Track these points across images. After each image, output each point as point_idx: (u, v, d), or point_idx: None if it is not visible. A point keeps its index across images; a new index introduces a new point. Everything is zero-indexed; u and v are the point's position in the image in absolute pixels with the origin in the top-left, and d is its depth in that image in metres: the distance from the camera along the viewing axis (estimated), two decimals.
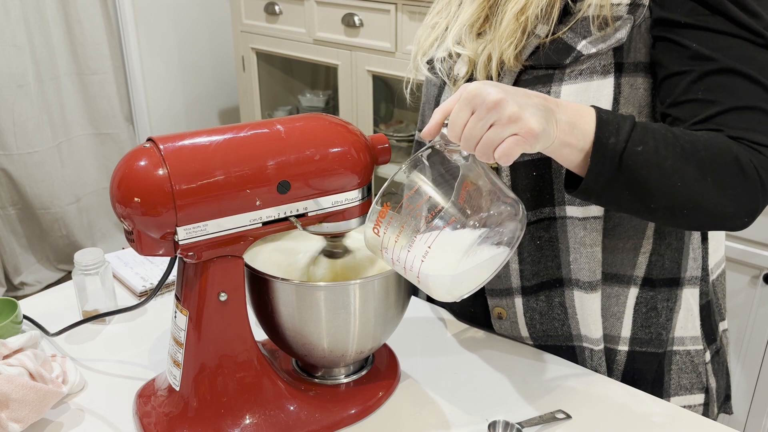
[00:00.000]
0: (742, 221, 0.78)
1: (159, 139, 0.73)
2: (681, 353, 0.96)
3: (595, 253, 0.89)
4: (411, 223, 0.72)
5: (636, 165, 0.74)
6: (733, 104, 0.77)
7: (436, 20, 1.00)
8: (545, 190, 0.89)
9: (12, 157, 2.70)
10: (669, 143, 0.75)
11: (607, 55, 0.83)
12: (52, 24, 2.68)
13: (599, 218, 0.88)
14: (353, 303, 0.80)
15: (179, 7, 3.10)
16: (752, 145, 0.76)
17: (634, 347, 0.94)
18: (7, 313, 0.99)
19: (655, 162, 0.74)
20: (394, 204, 0.73)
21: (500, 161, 0.70)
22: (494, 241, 0.74)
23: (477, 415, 0.85)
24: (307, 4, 2.52)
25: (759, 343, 1.69)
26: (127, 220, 0.71)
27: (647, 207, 0.77)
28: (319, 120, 0.80)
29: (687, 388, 0.97)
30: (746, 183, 0.75)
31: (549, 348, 0.97)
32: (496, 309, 0.97)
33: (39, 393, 0.81)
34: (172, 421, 0.80)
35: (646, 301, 0.93)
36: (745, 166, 0.75)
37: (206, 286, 0.76)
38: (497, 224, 0.73)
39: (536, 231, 0.91)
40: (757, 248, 1.64)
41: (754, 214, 0.78)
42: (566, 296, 0.92)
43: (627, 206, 0.78)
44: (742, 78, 0.77)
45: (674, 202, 0.75)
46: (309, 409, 0.84)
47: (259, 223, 0.76)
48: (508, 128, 0.68)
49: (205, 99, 3.32)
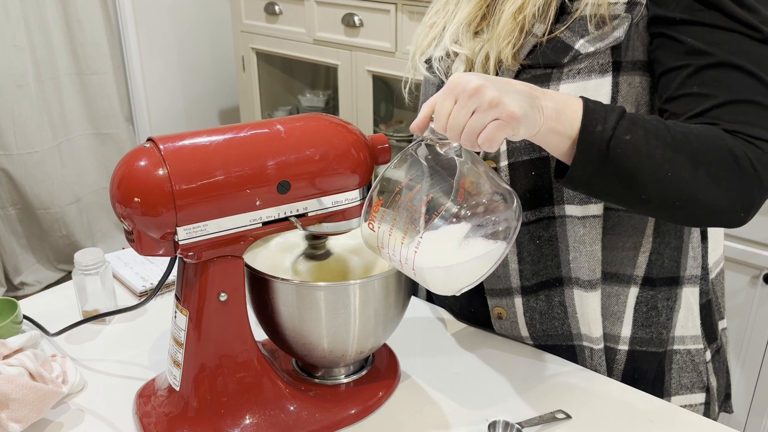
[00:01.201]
0: (739, 216, 0.77)
1: (159, 139, 0.73)
2: (681, 352, 0.96)
3: (594, 252, 0.89)
4: (403, 216, 0.72)
5: (624, 153, 0.73)
6: (728, 98, 0.76)
7: (434, 20, 1.00)
8: (544, 189, 0.89)
9: (12, 157, 2.70)
10: (660, 133, 0.74)
11: (604, 54, 0.83)
12: (52, 24, 2.68)
13: (599, 217, 0.88)
14: (353, 303, 0.80)
15: (179, 7, 3.10)
16: (748, 138, 0.75)
17: (634, 347, 0.94)
18: (7, 313, 0.99)
19: (645, 151, 0.73)
20: (386, 198, 0.73)
21: (484, 147, 0.70)
22: (488, 232, 0.73)
23: (477, 415, 0.85)
24: (307, 4, 2.52)
25: (759, 343, 1.69)
26: (127, 220, 0.71)
27: (639, 198, 0.76)
28: (319, 120, 0.80)
29: (688, 388, 0.97)
30: (741, 176, 0.75)
31: (549, 348, 0.97)
32: (496, 309, 0.97)
33: (39, 393, 0.81)
34: (172, 421, 0.80)
35: (647, 300, 0.93)
36: (739, 159, 0.74)
37: (206, 286, 0.76)
38: (489, 213, 0.73)
39: (536, 230, 0.91)
40: (757, 248, 1.64)
41: (750, 209, 0.77)
42: (566, 295, 0.92)
43: (618, 197, 0.78)
44: (738, 71, 0.76)
45: (666, 194, 0.75)
46: (309, 409, 0.84)
47: (259, 223, 0.76)
48: (489, 113, 0.69)
49: (205, 99, 3.32)
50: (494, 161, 0.90)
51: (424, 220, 0.71)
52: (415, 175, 0.74)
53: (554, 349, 0.97)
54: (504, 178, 0.90)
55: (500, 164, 0.90)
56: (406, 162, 0.74)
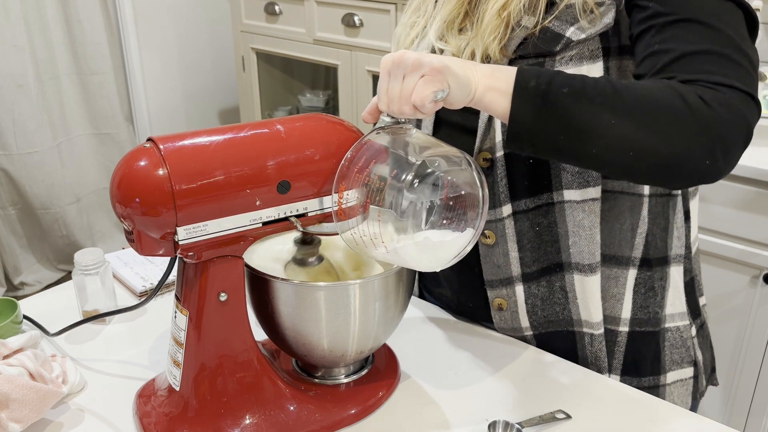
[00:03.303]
0: (704, 164, 0.73)
1: (159, 139, 0.73)
2: (672, 330, 0.98)
3: (594, 235, 0.90)
4: (363, 192, 0.74)
5: (562, 104, 0.73)
6: (686, 50, 0.76)
7: (414, 19, 1.01)
8: (542, 176, 0.90)
9: (12, 157, 2.70)
10: (599, 85, 0.74)
11: (594, 41, 0.84)
12: (52, 24, 2.68)
13: (597, 200, 0.89)
14: (353, 303, 0.80)
15: (179, 7, 3.10)
16: (706, 84, 0.74)
17: (634, 328, 0.96)
18: (7, 313, 0.99)
19: (584, 99, 0.73)
20: (349, 187, 0.75)
21: (421, 108, 0.73)
22: (451, 195, 0.73)
23: (477, 415, 0.85)
24: (307, 4, 2.52)
25: (759, 343, 1.69)
26: (127, 220, 0.71)
27: (590, 153, 0.74)
28: (319, 120, 0.80)
29: (678, 363, 0.99)
30: (692, 117, 0.72)
31: (549, 336, 0.97)
32: (496, 300, 0.97)
33: (39, 393, 0.81)
34: (172, 421, 0.80)
35: (645, 281, 0.95)
36: (689, 101, 0.72)
37: (206, 286, 0.76)
38: (445, 173, 0.73)
39: (535, 217, 0.92)
40: (757, 248, 1.64)
41: (714, 153, 0.73)
42: (567, 280, 0.93)
43: (568, 152, 0.76)
44: (696, 24, 0.77)
45: (614, 144, 0.73)
46: (309, 409, 0.84)
47: (259, 223, 0.76)
48: (414, 74, 0.73)
49: (205, 99, 3.32)
50: (489, 152, 0.90)
51: (383, 200, 0.72)
52: (371, 158, 0.75)
53: (554, 337, 0.97)
54: (500, 168, 0.90)
55: (496, 155, 0.90)
56: (363, 147, 0.76)
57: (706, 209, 1.68)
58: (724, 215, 1.66)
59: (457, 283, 1.03)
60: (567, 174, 0.88)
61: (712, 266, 1.72)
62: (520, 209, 0.92)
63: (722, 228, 1.67)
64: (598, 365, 0.96)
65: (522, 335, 0.99)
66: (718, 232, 1.69)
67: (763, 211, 1.61)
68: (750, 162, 1.59)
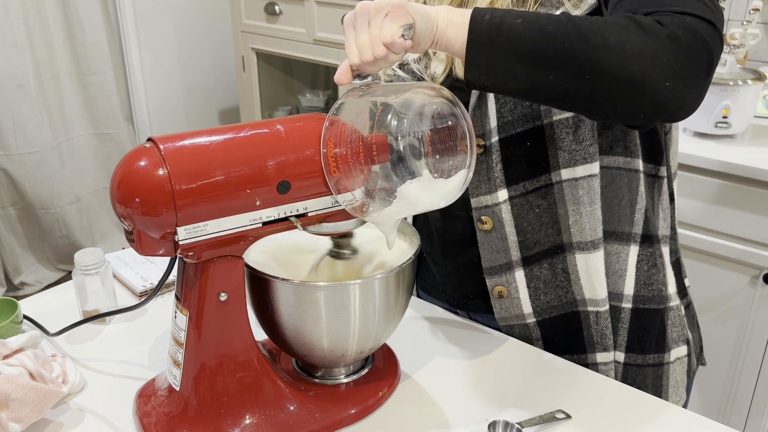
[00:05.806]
0: (664, 86, 0.72)
1: (159, 139, 0.73)
2: (674, 308, 1.00)
3: (594, 211, 0.90)
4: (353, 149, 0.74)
5: (516, 32, 0.73)
6: None
7: None
8: (540, 158, 0.90)
9: (12, 157, 2.70)
10: (553, 16, 0.75)
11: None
12: (52, 24, 2.68)
13: (596, 176, 0.89)
14: (353, 303, 0.80)
15: (179, 7, 3.10)
16: (666, 13, 0.74)
17: (637, 305, 0.96)
18: (7, 313, 0.99)
19: (537, 27, 0.73)
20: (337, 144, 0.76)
21: (392, 47, 0.73)
22: (439, 126, 0.73)
23: (477, 415, 0.85)
24: (307, 4, 2.52)
25: (759, 343, 1.69)
26: (127, 220, 0.71)
27: (548, 81, 0.74)
28: (319, 120, 0.80)
29: (676, 341, 1.01)
30: (648, 37, 0.71)
31: (553, 320, 0.97)
32: (496, 288, 0.97)
33: (39, 393, 0.81)
34: (172, 421, 0.80)
35: (647, 258, 0.96)
36: (645, 24, 0.72)
37: (206, 286, 0.76)
38: (429, 104, 0.73)
39: (534, 199, 0.92)
40: (757, 248, 1.64)
41: (673, 75, 0.72)
42: (569, 262, 0.93)
43: (524, 80, 0.75)
44: None
45: (570, 67, 0.72)
46: (309, 409, 0.84)
47: (259, 223, 0.76)
48: (378, 15, 0.73)
49: (205, 99, 3.32)
50: (482, 138, 0.91)
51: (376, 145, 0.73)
52: (352, 114, 0.76)
53: (558, 321, 0.97)
54: (495, 153, 0.91)
55: (492, 140, 0.91)
56: (342, 108, 0.77)
57: (705, 209, 1.68)
58: (724, 215, 1.66)
59: (455, 276, 1.03)
60: (564, 153, 0.89)
61: (712, 266, 1.72)
62: (519, 193, 0.92)
63: (722, 228, 1.67)
64: (604, 344, 0.96)
65: (524, 322, 0.98)
66: (719, 232, 1.69)
67: (763, 211, 1.61)
68: (750, 162, 1.59)
